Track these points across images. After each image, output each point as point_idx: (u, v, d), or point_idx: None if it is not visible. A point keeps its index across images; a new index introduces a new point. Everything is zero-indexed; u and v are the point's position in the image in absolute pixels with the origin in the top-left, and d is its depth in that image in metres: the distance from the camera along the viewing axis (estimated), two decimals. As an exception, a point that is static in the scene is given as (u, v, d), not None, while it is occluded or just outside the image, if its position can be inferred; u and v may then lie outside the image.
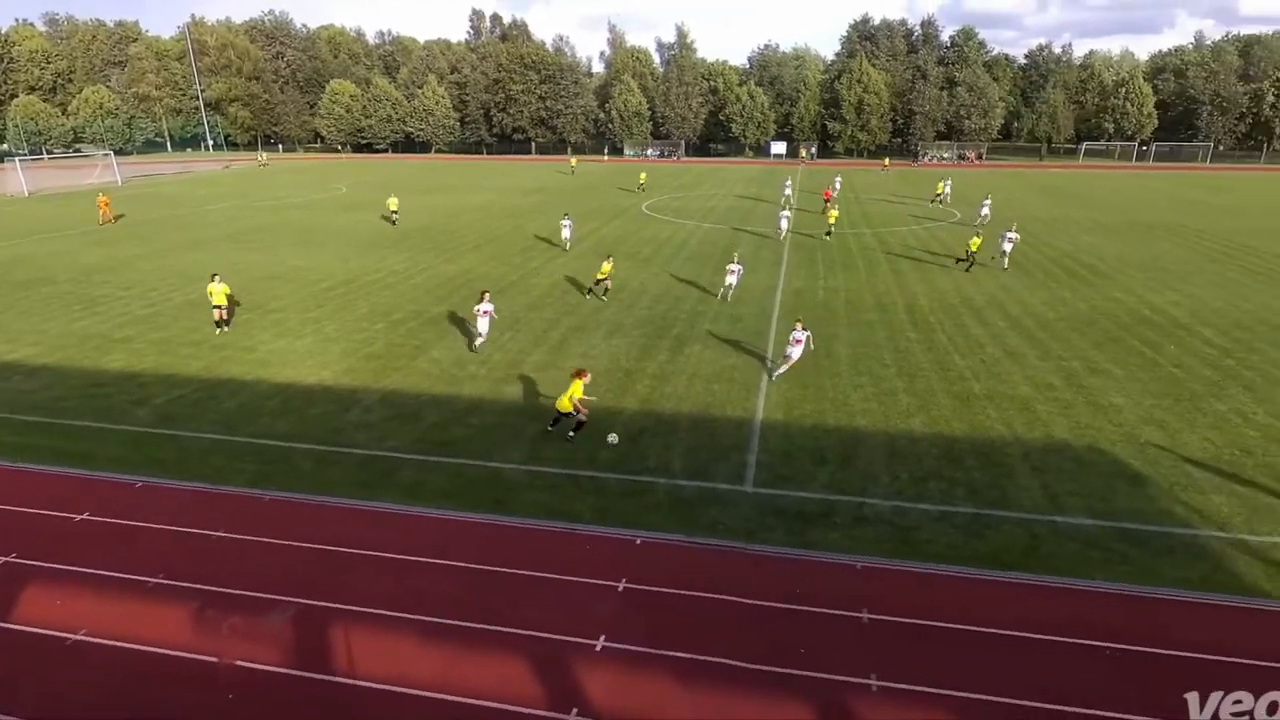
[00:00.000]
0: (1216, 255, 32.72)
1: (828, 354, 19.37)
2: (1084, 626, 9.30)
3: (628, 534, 11.33)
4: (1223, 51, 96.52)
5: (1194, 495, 12.42)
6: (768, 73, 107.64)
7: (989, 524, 11.60)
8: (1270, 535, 11.26)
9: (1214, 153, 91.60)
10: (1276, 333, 21.25)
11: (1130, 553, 10.84)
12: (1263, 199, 54.69)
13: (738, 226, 40.61)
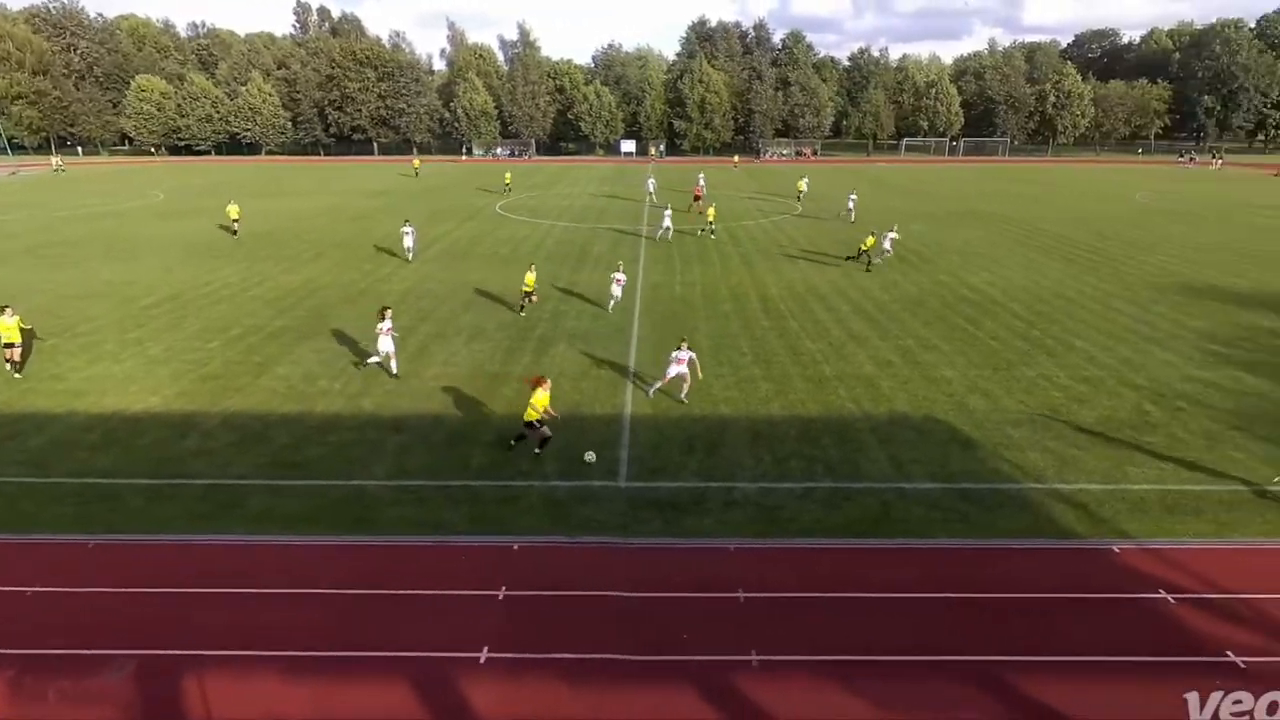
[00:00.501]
0: (1019, 239, 36.73)
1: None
2: (935, 581, 10.17)
3: (504, 540, 11.11)
4: (1012, 57, 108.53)
5: (1015, 454, 13.89)
6: (613, 72, 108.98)
7: (846, 496, 12.39)
8: (1077, 483, 12.80)
9: (1010, 147, 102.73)
10: (1070, 305, 24.17)
11: (968, 511, 11.96)
12: (1052, 187, 61.98)
13: (595, 225, 40.85)
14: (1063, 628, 9.31)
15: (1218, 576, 10.28)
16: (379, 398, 16.42)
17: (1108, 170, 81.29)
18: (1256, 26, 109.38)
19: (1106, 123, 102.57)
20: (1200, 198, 54.87)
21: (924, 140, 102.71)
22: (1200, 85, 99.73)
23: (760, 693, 8.34)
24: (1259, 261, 31.42)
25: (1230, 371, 18.14)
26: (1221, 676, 8.49)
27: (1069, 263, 30.91)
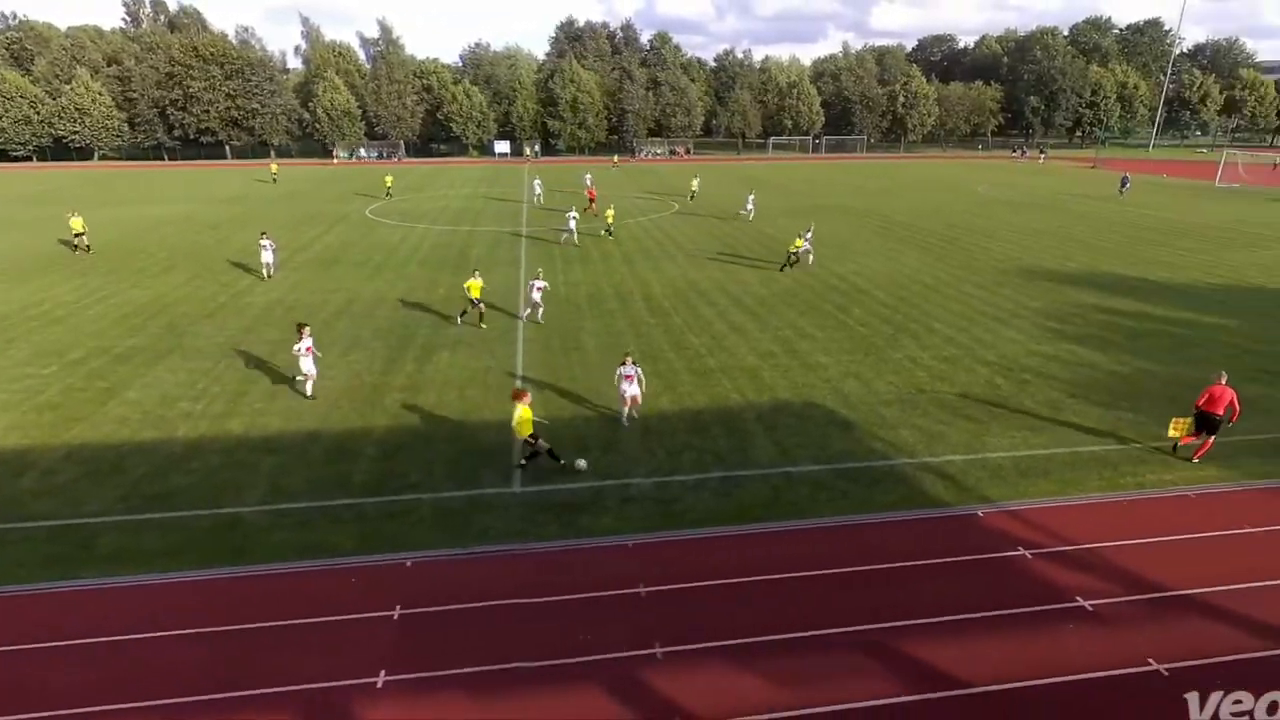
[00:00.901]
0: (879, 230, 39.14)
1: (577, 346, 19.92)
2: (823, 557, 10.69)
3: (396, 558, 10.71)
4: (864, 60, 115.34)
5: (888, 431, 14.81)
6: (482, 71, 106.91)
7: (737, 484, 12.79)
8: (943, 455, 13.82)
9: (867, 144, 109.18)
10: (928, 290, 26.01)
11: (848, 488, 12.65)
12: (905, 182, 66.40)
13: (473, 227, 39.98)
14: (939, 590, 10.03)
15: (1066, 530, 11.40)
16: (248, 418, 15.38)
17: (952, 165, 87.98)
18: (1069, 34, 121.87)
19: (950, 121, 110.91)
20: (1031, 188, 60.44)
21: (789, 139, 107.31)
22: (1026, 87, 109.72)
23: (665, 684, 8.48)
24: (1083, 246, 35.00)
25: (1066, 346, 20.12)
26: (1074, 620, 9.44)
27: (924, 251, 33.23)
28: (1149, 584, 10.13)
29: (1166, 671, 8.60)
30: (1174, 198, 54.39)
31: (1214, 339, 20.61)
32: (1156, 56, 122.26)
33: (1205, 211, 47.36)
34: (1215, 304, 24.46)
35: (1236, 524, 11.62)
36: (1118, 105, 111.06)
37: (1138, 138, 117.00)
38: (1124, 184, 56.43)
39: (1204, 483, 12.87)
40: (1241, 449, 14.09)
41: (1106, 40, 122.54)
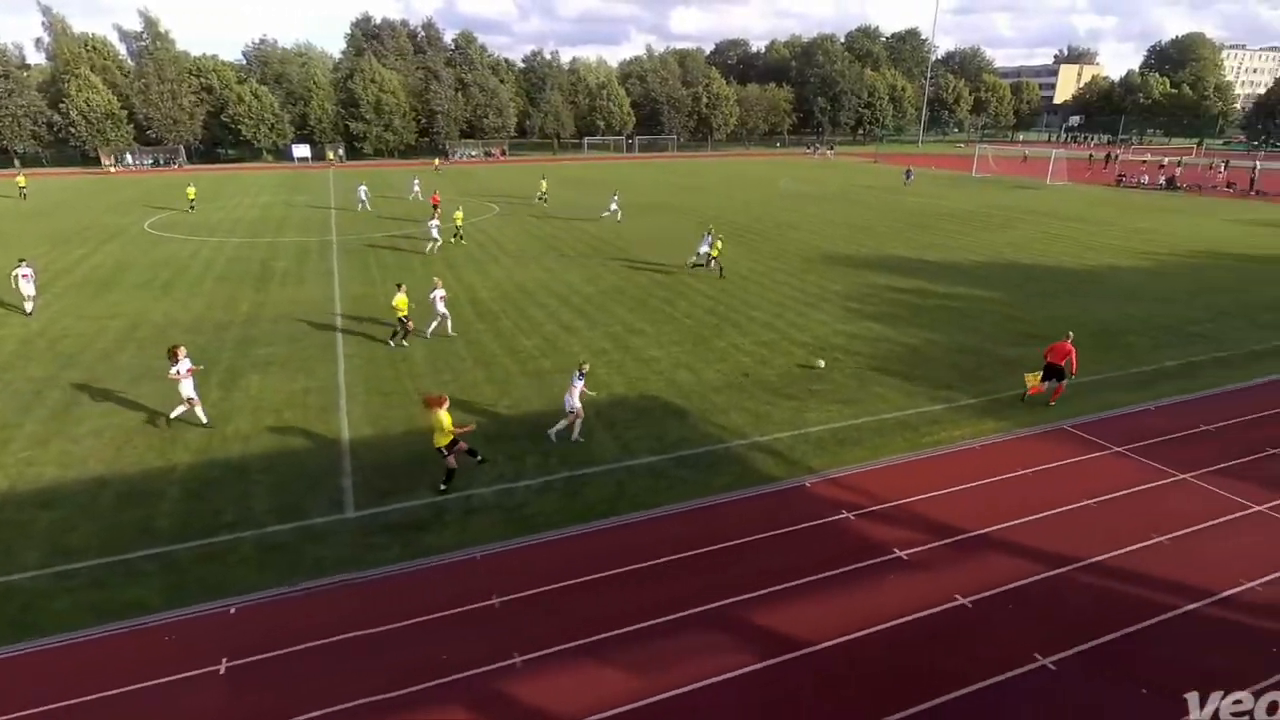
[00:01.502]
0: (696, 225, 40.85)
1: (404, 358, 19.05)
2: (669, 543, 11.02)
3: (218, 606, 9.69)
4: (667, 62, 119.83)
5: (719, 416, 15.55)
6: (271, 70, 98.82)
7: (582, 482, 12.87)
8: (771, 434, 14.74)
9: (678, 144, 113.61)
10: (744, 280, 27.56)
11: (688, 475, 13.14)
12: (715, 179, 69.83)
13: (275, 237, 36.90)
14: (777, 559, 10.70)
15: (880, 490, 12.58)
16: (13, 469, 13.22)
17: (756, 162, 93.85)
18: (846, 41, 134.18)
19: (750, 120, 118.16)
20: (824, 182, 65.89)
21: (604, 139, 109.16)
22: (813, 89, 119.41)
23: (528, 691, 8.37)
24: (871, 233, 38.72)
25: (866, 324, 22.17)
26: (894, 570, 10.45)
27: (738, 243, 35.19)
28: (951, 529, 11.45)
29: (970, 604, 9.77)
30: (941, 187, 61.63)
31: (985, 310, 23.62)
32: (918, 62, 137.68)
33: (966, 198, 54.12)
34: (982, 279, 28.04)
35: (1012, 468, 13.42)
36: (890, 106, 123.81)
37: (909, 134, 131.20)
38: (908, 176, 63.64)
39: (985, 435, 14.73)
40: (1014, 402, 16.28)
41: (876, 47, 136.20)
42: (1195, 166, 72.59)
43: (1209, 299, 25.27)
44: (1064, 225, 41.37)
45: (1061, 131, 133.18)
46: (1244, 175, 61.87)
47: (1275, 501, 12.29)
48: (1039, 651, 8.89)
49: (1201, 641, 9.13)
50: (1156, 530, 11.44)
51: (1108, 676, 8.56)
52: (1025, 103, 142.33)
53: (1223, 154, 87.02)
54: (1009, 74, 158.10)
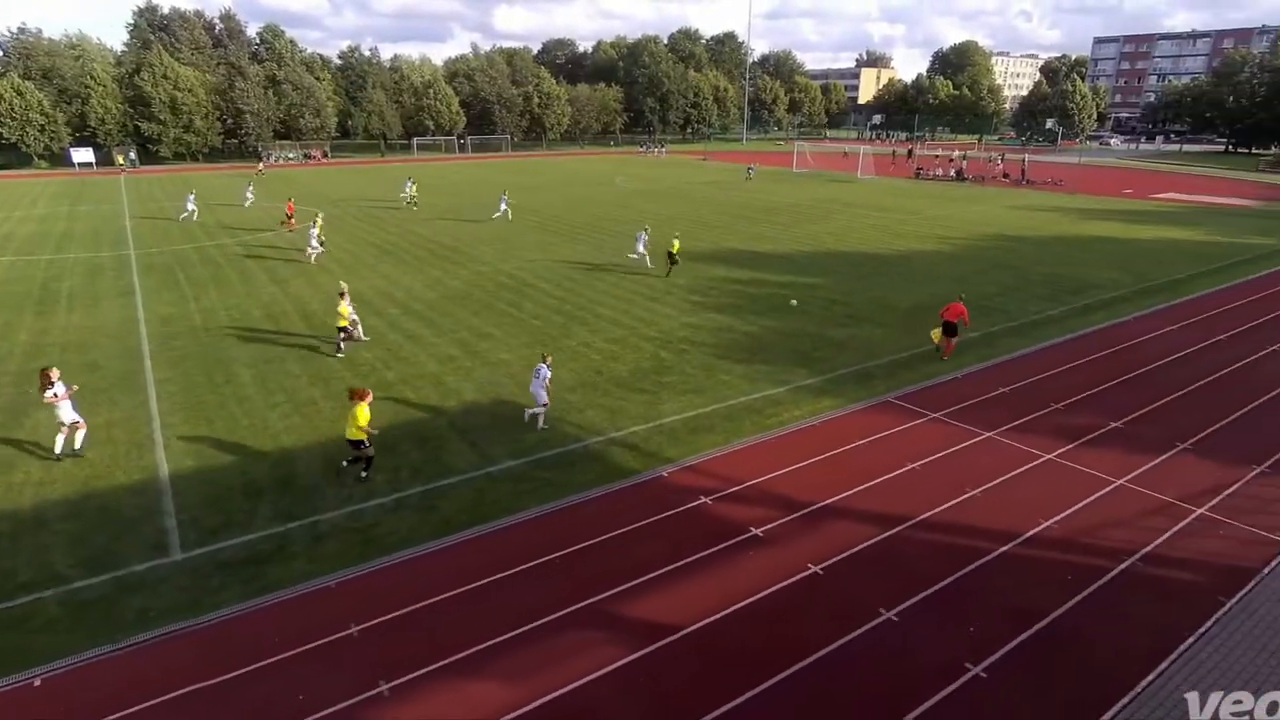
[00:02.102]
0: (535, 226, 40.65)
1: (228, 380, 17.48)
2: (535, 547, 10.91)
3: (19, 679, 8.43)
4: (495, 60, 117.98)
5: (576, 415, 15.59)
6: (36, 64, 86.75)
7: (439, 495, 12.43)
8: (627, 428, 14.98)
9: (512, 143, 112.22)
10: (589, 278, 27.78)
11: (549, 476, 13.07)
12: (551, 178, 69.72)
13: (56, 254, 32.44)
14: (642, 550, 10.92)
15: (735, 473, 13.16)
16: None
17: (591, 160, 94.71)
18: (669, 42, 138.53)
19: (583, 120, 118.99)
20: (659, 179, 67.73)
21: (434, 139, 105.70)
22: (642, 89, 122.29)
23: (398, 718, 7.99)
24: (707, 227, 40.33)
25: (708, 315, 23.07)
26: (752, 548, 10.98)
27: (579, 243, 35.37)
28: (800, 503, 12.20)
29: (821, 571, 10.47)
30: (766, 182, 65.29)
31: (814, 295, 25.31)
32: (737, 64, 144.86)
33: (789, 192, 57.72)
34: (808, 266, 30.02)
35: (848, 440, 14.51)
36: (715, 106, 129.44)
37: (734, 133, 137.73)
38: (749, 172, 68.29)
39: (823, 412, 15.82)
40: (845, 379, 17.60)
41: (698, 49, 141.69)
42: (978, 160, 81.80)
43: (997, 276, 28.61)
44: (875, 215, 45.21)
45: (867, 129, 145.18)
46: (1016, 167, 70.48)
47: (1060, 450, 14.16)
48: (883, 606, 9.70)
49: (1014, 578, 10.36)
50: (970, 484, 12.82)
51: (941, 620, 9.50)
52: (834, 103, 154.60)
53: (998, 148, 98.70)
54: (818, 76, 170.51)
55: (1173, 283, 27.65)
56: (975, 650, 8.95)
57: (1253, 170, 79.36)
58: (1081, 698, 8.26)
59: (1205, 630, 9.28)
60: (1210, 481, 12.95)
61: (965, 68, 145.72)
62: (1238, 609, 9.69)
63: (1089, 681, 8.52)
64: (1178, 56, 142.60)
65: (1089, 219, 44.66)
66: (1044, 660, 8.84)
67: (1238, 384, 17.57)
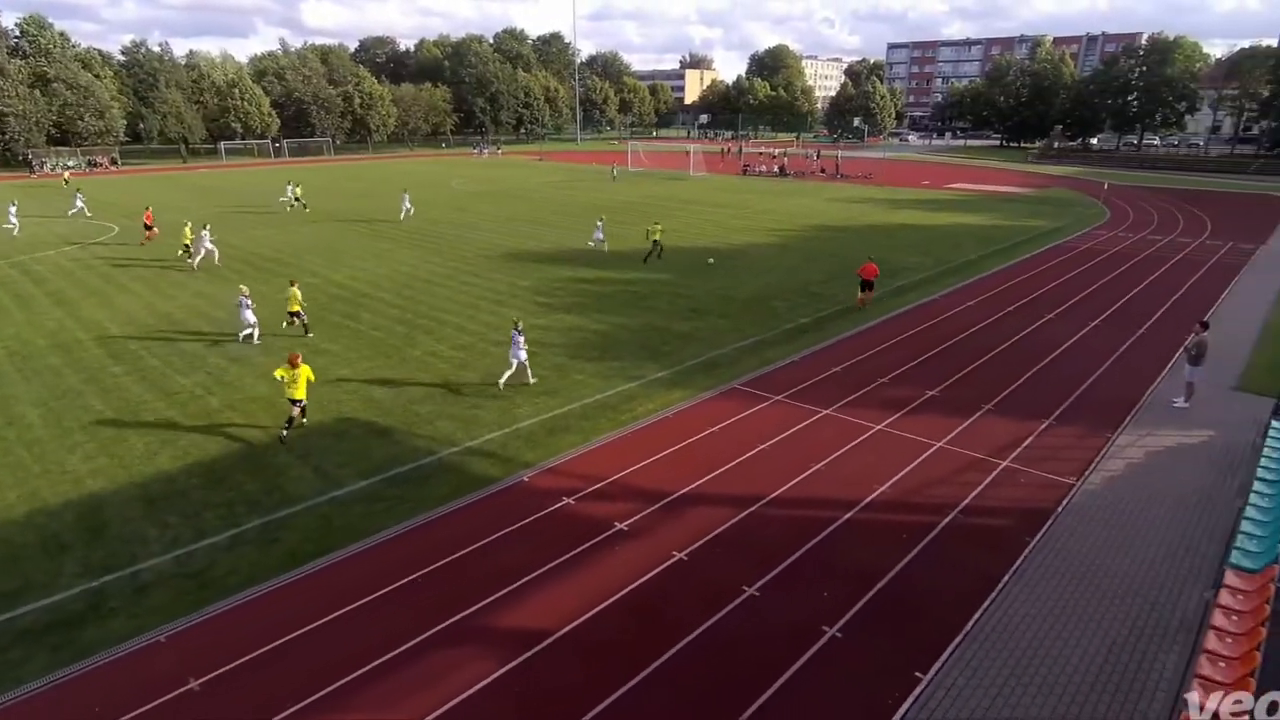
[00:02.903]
0: (366, 233, 38.66)
1: (10, 422, 15.22)
2: (395, 569, 10.41)
3: None
4: (308, 59, 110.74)
5: (427, 427, 15.04)
6: None
7: (281, 525, 11.55)
8: (483, 436, 14.65)
9: (334, 146, 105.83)
10: (429, 285, 26.84)
11: (403, 493, 12.52)
12: (381, 182, 66.59)
13: None
14: (509, 558, 10.73)
15: (595, 471, 13.26)
16: None
17: (423, 163, 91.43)
18: (495, 42, 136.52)
19: (410, 121, 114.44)
20: (496, 180, 66.64)
21: (244, 143, 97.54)
22: (470, 89, 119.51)
23: (256, 773, 7.36)
24: (550, 227, 40.24)
25: (557, 315, 23.04)
26: (617, 543, 11.12)
27: (416, 248, 34.08)
28: (660, 494, 12.50)
29: (686, 557, 10.80)
30: (604, 181, 66.08)
31: (659, 291, 25.97)
32: (565, 64, 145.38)
33: (627, 191, 58.82)
34: (651, 263, 30.75)
35: (701, 428, 15.05)
36: (547, 106, 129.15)
37: (568, 133, 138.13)
38: (615, 172, 70.48)
39: (675, 404, 16.29)
40: (694, 370, 18.24)
41: (525, 49, 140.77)
42: (797, 156, 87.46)
43: (822, 264, 30.77)
44: (710, 211, 47.13)
45: (695, 129, 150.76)
46: (832, 163, 76.12)
47: (888, 420, 15.49)
48: (745, 583, 10.16)
49: (857, 542, 11.22)
50: (813, 460, 13.72)
51: (798, 589, 10.12)
52: (663, 103, 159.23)
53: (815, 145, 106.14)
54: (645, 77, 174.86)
55: (968, 263, 31.01)
56: (830, 613, 9.61)
57: (1024, 161, 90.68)
58: (922, 640, 9.11)
59: (1017, 568, 10.53)
60: (1011, 436, 14.70)
61: (780, 70, 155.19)
62: (1040, 546, 11.08)
63: (928, 626, 9.40)
64: (957, 61, 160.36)
65: (896, 208, 49.10)
66: (889, 614, 9.65)
67: (1024, 350, 20.04)
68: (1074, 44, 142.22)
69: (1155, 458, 13.99)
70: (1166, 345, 19.99)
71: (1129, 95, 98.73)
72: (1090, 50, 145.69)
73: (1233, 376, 18.02)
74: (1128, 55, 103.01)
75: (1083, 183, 66.18)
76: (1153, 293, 26.58)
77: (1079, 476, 13.15)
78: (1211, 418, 15.67)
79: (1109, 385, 17.59)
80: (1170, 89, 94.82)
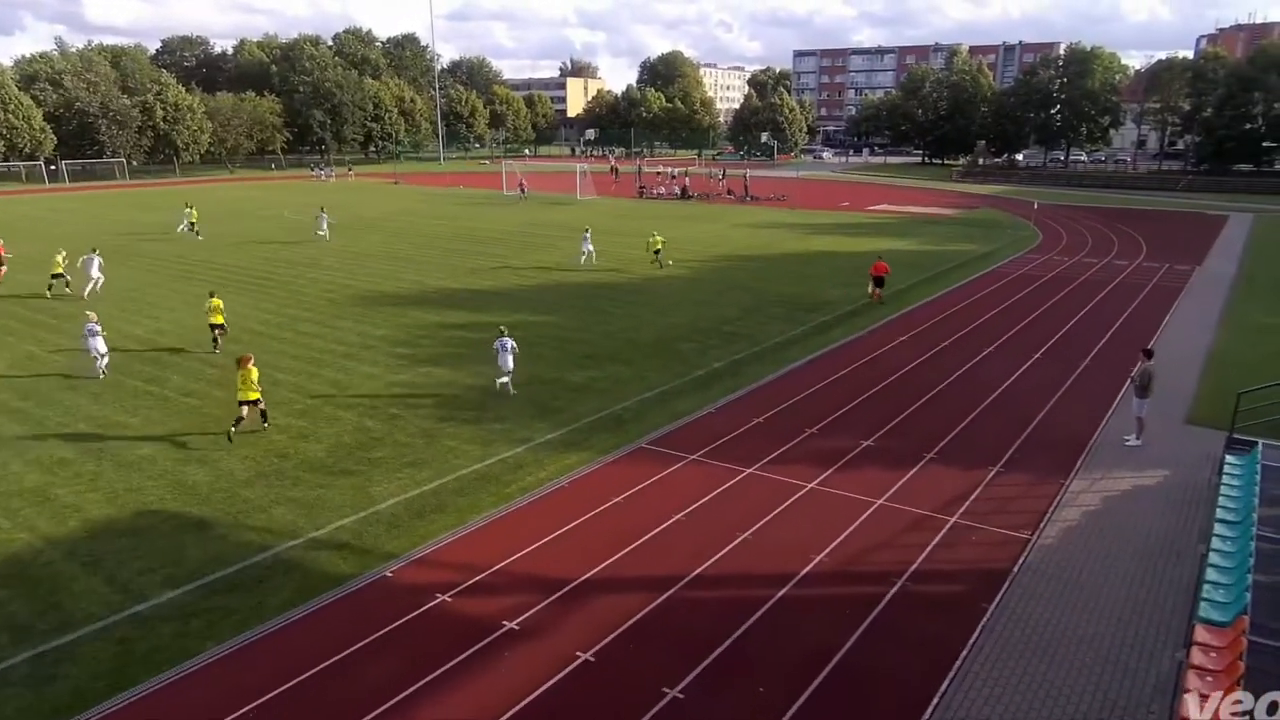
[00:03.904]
0: (179, 274, 36.86)
1: None
2: (222, 700, 9.61)
3: None
4: (94, 62, 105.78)
5: (258, 516, 14.20)
6: None
7: (61, 657, 10.49)
8: (331, 524, 13.97)
9: (131, 169, 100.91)
10: (259, 337, 25.71)
11: (229, 603, 11.68)
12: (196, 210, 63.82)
13: None
14: (371, 674, 10.15)
15: (475, 559, 12.86)
16: None
17: (250, 188, 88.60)
18: (334, 45, 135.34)
19: (230, 138, 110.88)
20: (342, 208, 65.14)
21: (9, 165, 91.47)
22: (305, 99, 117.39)
23: None
24: (412, 264, 39.64)
25: (423, 369, 22.55)
26: (507, 646, 10.75)
27: (243, 292, 32.69)
28: (557, 582, 12.23)
29: (593, 657, 10.56)
30: (476, 207, 66.04)
31: (547, 335, 25.92)
32: (423, 71, 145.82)
33: (504, 218, 58.99)
34: (535, 303, 30.74)
35: (604, 498, 14.93)
36: (401, 120, 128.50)
37: (428, 151, 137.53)
38: (522, 191, 72.62)
39: (571, 470, 16.14)
40: (592, 428, 18.20)
41: (373, 53, 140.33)
42: (700, 176, 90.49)
43: (735, 298, 31.68)
44: (602, 240, 47.70)
45: (581, 145, 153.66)
46: (739, 183, 79.12)
47: (821, 476, 15.89)
48: (666, 685, 10.01)
49: (795, 621, 11.32)
50: (739, 528, 13.84)
51: (730, 686, 10.05)
52: (541, 116, 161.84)
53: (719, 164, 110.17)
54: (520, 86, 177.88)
55: (897, 293, 32.70)
56: (771, 709, 9.58)
57: (947, 180, 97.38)
58: (877, 738, 9.20)
59: (975, 641, 10.89)
60: (957, 488, 15.37)
61: (675, 79, 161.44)
62: (998, 613, 11.53)
63: (883, 714, 9.52)
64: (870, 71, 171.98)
65: (814, 234, 51.44)
66: (836, 708, 9.72)
67: (964, 390, 21.16)
68: (990, 54, 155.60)
69: (1112, 503, 14.96)
70: (1112, 377, 21.60)
71: (1051, 108, 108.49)
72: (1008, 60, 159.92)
73: (1182, 408, 19.63)
74: (1046, 66, 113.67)
75: (1011, 202, 71.64)
76: (1093, 320, 28.80)
77: (1034, 530, 13.85)
78: (1165, 455, 16.95)
79: (1057, 425, 18.77)
80: (1092, 102, 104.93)
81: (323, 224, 48.47)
